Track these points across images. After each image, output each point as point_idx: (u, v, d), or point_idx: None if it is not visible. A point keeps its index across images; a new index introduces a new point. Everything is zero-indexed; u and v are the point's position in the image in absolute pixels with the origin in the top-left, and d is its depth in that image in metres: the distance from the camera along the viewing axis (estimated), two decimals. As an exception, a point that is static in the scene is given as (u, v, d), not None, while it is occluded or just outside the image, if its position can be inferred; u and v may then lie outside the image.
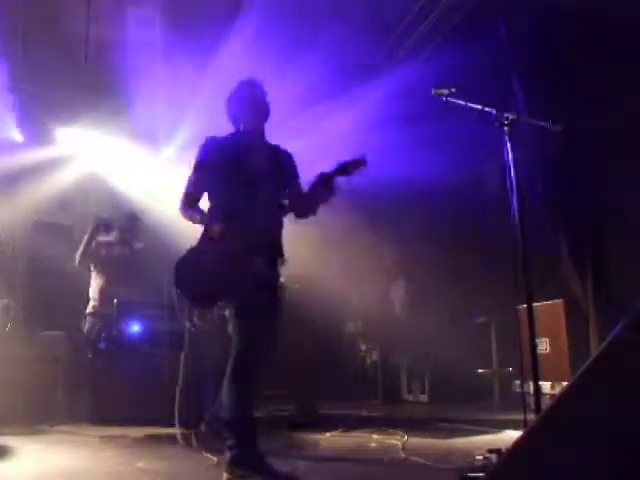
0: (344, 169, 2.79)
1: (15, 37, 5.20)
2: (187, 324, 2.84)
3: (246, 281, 2.64)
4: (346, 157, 2.83)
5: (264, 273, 2.74)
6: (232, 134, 2.99)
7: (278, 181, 2.93)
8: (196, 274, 2.70)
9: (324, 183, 2.78)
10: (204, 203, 2.93)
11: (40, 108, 5.96)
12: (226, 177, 2.85)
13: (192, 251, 2.77)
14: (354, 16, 5.15)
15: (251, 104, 2.94)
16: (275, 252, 2.84)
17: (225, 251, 2.65)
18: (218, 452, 2.92)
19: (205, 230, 2.78)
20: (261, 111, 2.94)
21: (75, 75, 5.53)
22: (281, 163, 2.98)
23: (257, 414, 3.16)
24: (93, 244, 5.08)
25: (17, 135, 6.06)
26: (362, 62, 5.52)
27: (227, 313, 2.71)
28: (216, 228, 2.68)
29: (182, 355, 2.92)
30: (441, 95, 2.76)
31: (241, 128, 2.98)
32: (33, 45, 5.18)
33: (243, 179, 2.83)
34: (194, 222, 2.84)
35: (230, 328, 2.66)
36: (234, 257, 2.65)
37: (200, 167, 2.91)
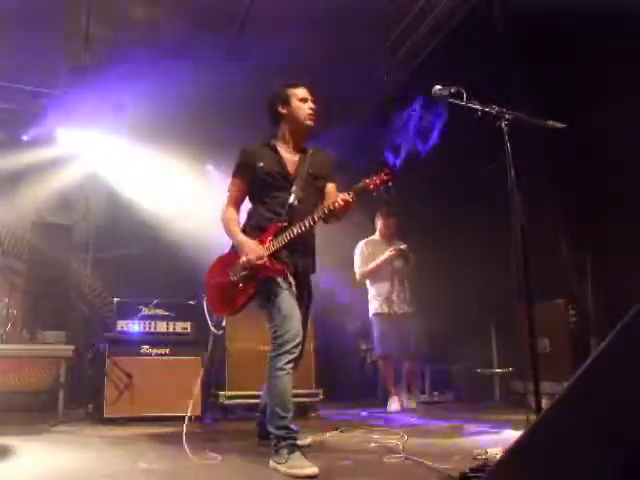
0: (369, 187, 2.82)
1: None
2: (213, 328, 3.09)
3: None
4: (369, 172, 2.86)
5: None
6: (268, 142, 3.09)
7: (315, 186, 3.06)
8: (224, 287, 2.94)
9: (345, 202, 2.79)
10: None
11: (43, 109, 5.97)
12: (262, 186, 3.00)
13: (220, 264, 3.03)
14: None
15: (288, 100, 3.03)
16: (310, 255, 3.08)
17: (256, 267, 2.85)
18: (221, 451, 2.94)
19: (233, 247, 3.00)
20: (304, 116, 3.02)
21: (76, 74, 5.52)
22: (319, 166, 3.08)
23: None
24: None
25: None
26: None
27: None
28: (251, 260, 2.84)
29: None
30: (441, 96, 2.76)
31: (279, 133, 3.09)
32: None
33: (279, 188, 2.98)
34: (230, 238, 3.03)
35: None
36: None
37: (235, 178, 3.07)
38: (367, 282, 5.63)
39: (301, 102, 3.03)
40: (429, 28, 5.33)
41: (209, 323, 3.02)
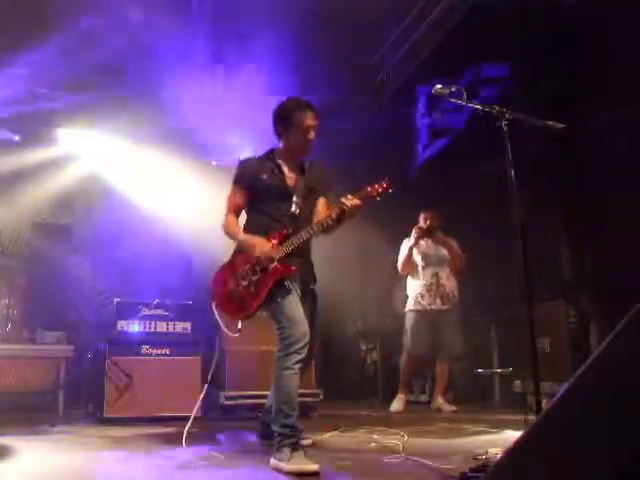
0: (369, 195, 2.92)
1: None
2: (230, 333, 3.12)
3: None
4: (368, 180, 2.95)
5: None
6: (267, 153, 3.14)
7: (311, 199, 3.12)
8: (236, 295, 2.98)
9: (357, 206, 2.88)
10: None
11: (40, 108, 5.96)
12: (264, 197, 3.05)
13: (225, 273, 3.04)
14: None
15: (292, 123, 3.00)
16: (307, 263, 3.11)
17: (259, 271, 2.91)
18: (221, 451, 2.94)
19: (238, 249, 3.04)
20: (301, 147, 3.04)
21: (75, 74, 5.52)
22: (314, 180, 3.14)
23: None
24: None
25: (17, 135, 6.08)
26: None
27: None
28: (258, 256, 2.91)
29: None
30: (441, 95, 2.76)
31: (279, 147, 3.11)
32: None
33: (281, 199, 3.03)
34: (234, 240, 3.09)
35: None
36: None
37: (236, 186, 3.11)
38: (408, 277, 5.63)
39: (303, 134, 3.01)
40: (431, 25, 5.33)
41: (224, 329, 3.11)
